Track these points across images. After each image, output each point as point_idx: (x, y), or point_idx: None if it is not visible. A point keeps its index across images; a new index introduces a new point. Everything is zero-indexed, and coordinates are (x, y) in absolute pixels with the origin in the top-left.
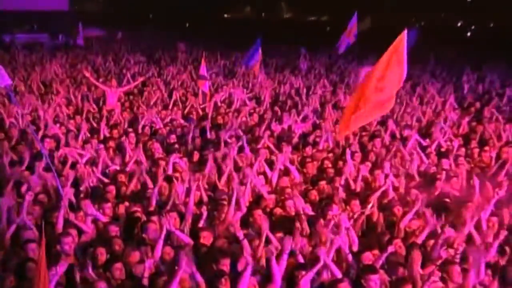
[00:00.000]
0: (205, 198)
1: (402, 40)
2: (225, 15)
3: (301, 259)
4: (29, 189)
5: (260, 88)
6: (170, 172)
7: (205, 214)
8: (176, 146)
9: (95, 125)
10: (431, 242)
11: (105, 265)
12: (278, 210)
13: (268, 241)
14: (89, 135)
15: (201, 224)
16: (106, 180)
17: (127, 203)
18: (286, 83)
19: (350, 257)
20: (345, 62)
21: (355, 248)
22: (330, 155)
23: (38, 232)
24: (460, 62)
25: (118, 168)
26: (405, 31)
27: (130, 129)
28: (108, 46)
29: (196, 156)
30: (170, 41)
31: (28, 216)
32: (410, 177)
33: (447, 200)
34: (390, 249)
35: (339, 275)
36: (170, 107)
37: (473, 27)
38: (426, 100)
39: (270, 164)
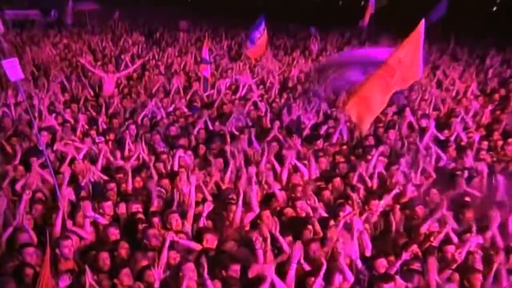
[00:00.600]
0: (209, 197)
1: (419, 31)
2: None
3: (307, 267)
4: (25, 187)
5: (268, 72)
6: (176, 168)
7: (207, 210)
8: (180, 138)
9: (93, 114)
10: (449, 247)
11: (112, 271)
12: (289, 211)
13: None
14: (87, 126)
15: (202, 222)
16: (106, 178)
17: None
18: (295, 66)
19: (359, 263)
20: (358, 43)
21: (368, 253)
22: (344, 147)
23: (37, 235)
24: (484, 41)
25: (122, 163)
26: (423, 21)
27: (130, 121)
28: (105, 24)
29: (202, 150)
30: (171, 19)
31: (26, 216)
32: (427, 174)
33: (468, 199)
34: (405, 256)
35: (352, 279)
36: (172, 94)
37: (498, 1)
38: (445, 86)
39: (280, 158)
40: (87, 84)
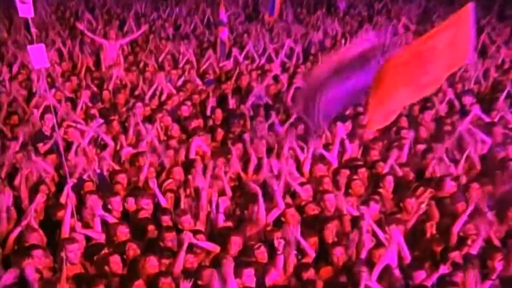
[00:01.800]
0: (229, 192)
1: (466, 14)
2: None
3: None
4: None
5: (288, 35)
6: (192, 155)
7: (222, 207)
8: (193, 120)
9: (95, 89)
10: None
11: (123, 279)
12: (313, 207)
13: None
14: (90, 105)
15: (220, 220)
16: (117, 168)
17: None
18: (320, 28)
19: (397, 272)
20: None
21: (406, 262)
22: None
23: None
24: None
25: (131, 150)
26: (472, 3)
27: (136, 100)
28: None
29: (219, 135)
30: None
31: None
32: (471, 164)
33: None
34: (443, 269)
35: None
36: (181, 65)
37: None
38: (490, 53)
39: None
40: (87, 51)
